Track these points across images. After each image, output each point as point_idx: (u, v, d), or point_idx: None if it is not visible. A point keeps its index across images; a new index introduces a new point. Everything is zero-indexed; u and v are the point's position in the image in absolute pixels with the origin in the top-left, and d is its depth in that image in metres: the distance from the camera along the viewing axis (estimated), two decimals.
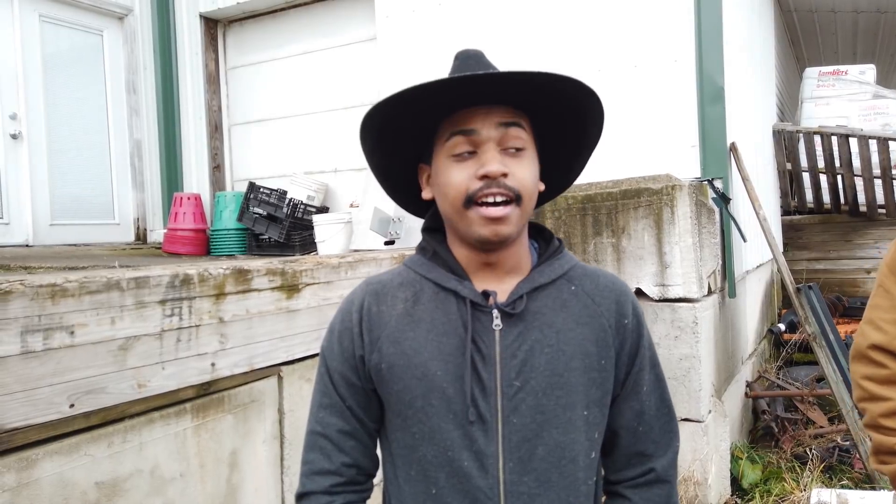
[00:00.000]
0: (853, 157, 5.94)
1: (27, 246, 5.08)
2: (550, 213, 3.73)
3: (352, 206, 4.68)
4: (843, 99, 6.63)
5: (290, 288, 2.24)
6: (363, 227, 4.11)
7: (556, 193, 1.14)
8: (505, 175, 0.93)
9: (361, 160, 4.27)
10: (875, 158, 5.81)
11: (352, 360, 1.01)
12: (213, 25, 5.76)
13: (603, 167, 4.03)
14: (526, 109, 0.99)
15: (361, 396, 1.02)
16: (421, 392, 0.96)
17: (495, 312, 0.97)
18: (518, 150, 0.96)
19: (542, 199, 1.10)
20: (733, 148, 3.88)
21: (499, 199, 0.93)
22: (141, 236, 5.96)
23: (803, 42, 8.85)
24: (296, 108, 5.43)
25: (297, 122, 5.39)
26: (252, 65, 5.73)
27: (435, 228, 1.06)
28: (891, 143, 5.68)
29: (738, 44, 4.26)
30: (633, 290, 3.48)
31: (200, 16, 5.64)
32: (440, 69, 4.04)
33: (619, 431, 1.05)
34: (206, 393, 2.03)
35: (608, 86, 4.01)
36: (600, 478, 1.07)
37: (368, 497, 1.06)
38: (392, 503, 1.03)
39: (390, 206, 4.13)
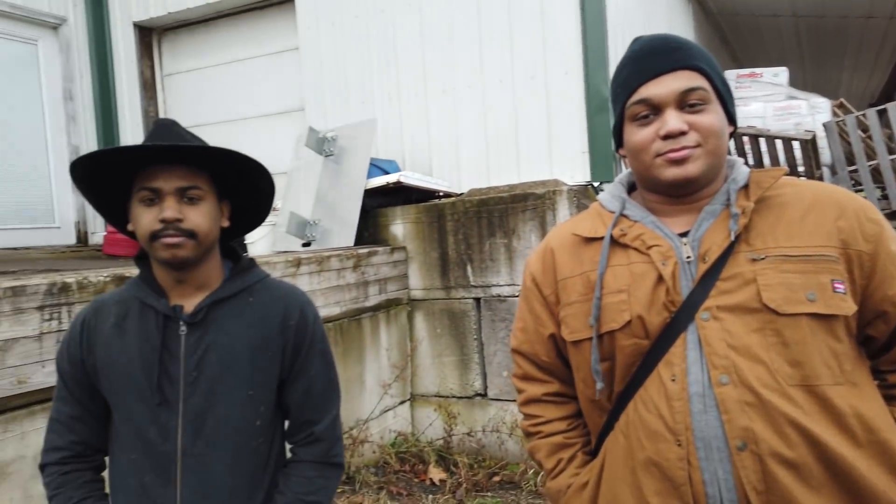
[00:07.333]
0: (763, 156, 6.31)
1: None
2: (451, 217, 4.00)
3: (274, 209, 4.91)
4: (759, 100, 7.01)
5: None
6: (282, 229, 4.35)
7: (252, 227, 1.43)
8: (179, 220, 1.21)
9: (284, 165, 4.49)
10: (781, 157, 6.18)
11: (76, 362, 1.30)
12: (147, 33, 5.93)
13: (503, 172, 4.34)
14: (208, 167, 1.27)
15: (86, 389, 1.30)
16: (123, 384, 1.26)
17: (181, 322, 1.27)
18: (192, 199, 1.24)
19: (235, 232, 1.39)
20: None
21: (174, 239, 1.21)
22: (83, 239, 6.11)
23: (735, 43, 9.24)
24: (227, 113, 5.64)
25: (229, 127, 5.60)
26: (187, 72, 5.92)
27: (146, 255, 1.32)
28: (794, 142, 6.05)
29: None
30: None
31: (134, 24, 5.81)
32: (360, 75, 4.27)
33: (291, 405, 1.35)
34: None
35: (509, 95, 4.29)
36: (278, 438, 1.37)
37: (96, 466, 1.35)
38: (111, 469, 1.33)
39: (307, 210, 4.37)
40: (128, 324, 1.28)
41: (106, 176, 1.26)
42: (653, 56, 1.17)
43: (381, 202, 4.32)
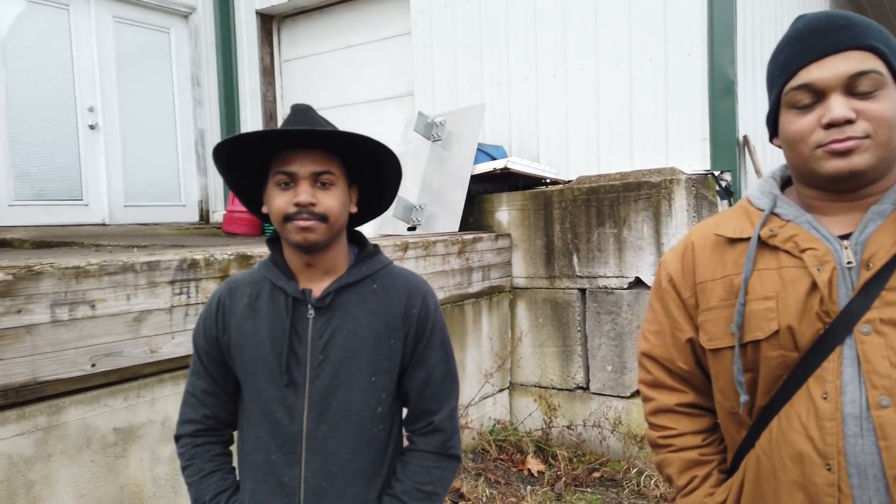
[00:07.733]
0: None
1: (104, 225, 5.70)
2: (558, 204, 3.91)
3: None
4: None
5: None
6: (389, 213, 4.41)
7: (377, 214, 1.44)
8: (313, 204, 1.23)
9: (392, 149, 4.52)
10: None
11: (212, 339, 1.35)
12: (268, 21, 6.18)
13: (615, 159, 4.17)
14: (339, 152, 1.29)
15: (219, 366, 1.35)
16: (253, 363, 1.30)
17: (310, 306, 1.30)
18: (325, 184, 1.26)
19: (361, 218, 1.40)
20: (746, 141, 3.92)
21: (307, 222, 1.24)
22: (205, 217, 6.51)
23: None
24: (338, 98, 5.79)
25: (340, 111, 5.75)
26: (303, 58, 6.12)
27: (277, 238, 1.36)
28: None
29: (756, 36, 4.24)
30: (633, 278, 3.63)
31: (256, 12, 6.06)
32: (469, 60, 4.26)
33: (410, 393, 1.35)
34: None
35: (624, 78, 4.11)
36: (396, 426, 1.37)
37: (226, 440, 1.41)
38: (240, 444, 1.37)
39: (413, 195, 4.42)
40: (260, 304, 1.32)
41: (243, 159, 1.30)
42: (817, 35, 1.05)
43: (486, 188, 4.29)
